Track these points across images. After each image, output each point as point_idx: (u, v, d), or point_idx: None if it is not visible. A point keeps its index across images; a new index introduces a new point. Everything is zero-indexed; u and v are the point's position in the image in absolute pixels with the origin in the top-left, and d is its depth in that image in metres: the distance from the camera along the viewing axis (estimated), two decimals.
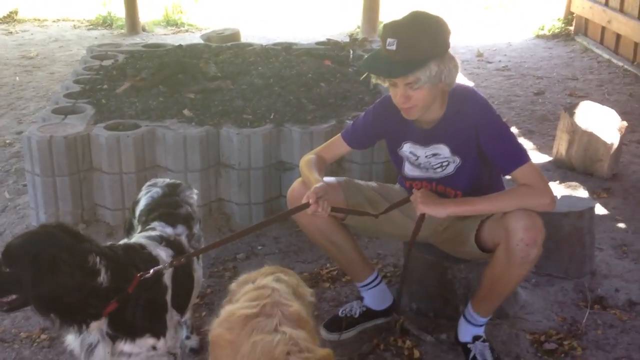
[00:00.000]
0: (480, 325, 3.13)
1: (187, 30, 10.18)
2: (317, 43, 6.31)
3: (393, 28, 2.76)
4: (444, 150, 2.98)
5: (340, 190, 3.16)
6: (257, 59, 5.49)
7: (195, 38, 8.99)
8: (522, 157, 2.85)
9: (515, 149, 2.87)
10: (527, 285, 3.75)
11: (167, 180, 3.03)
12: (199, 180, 4.22)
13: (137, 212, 2.89)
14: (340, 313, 3.33)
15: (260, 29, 10.14)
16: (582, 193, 4.84)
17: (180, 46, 6.09)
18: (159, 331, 2.51)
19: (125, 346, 2.44)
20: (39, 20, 10.78)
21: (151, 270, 2.44)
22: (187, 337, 3.23)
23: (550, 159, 5.47)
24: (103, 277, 2.29)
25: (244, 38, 8.36)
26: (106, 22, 10.32)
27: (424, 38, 2.71)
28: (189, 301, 2.78)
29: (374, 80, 2.99)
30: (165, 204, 2.85)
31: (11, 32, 10.02)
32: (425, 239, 3.23)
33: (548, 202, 2.82)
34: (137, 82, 4.92)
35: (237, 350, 2.02)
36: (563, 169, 5.27)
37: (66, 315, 2.31)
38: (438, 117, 2.94)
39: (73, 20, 10.80)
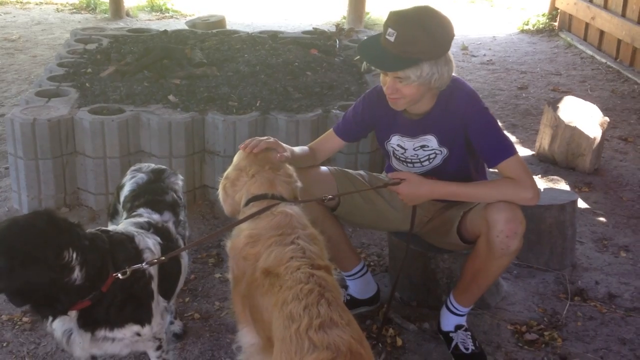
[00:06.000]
0: (462, 315, 3.15)
1: (171, 17, 10.10)
2: (304, 32, 6.31)
3: (397, 19, 2.73)
4: (431, 141, 2.99)
5: (333, 179, 3.17)
6: (243, 47, 5.46)
7: (180, 24, 8.93)
8: (508, 149, 2.87)
9: (502, 141, 2.88)
10: (508, 276, 3.78)
11: (152, 166, 3.00)
12: (184, 167, 4.20)
13: (122, 198, 2.86)
14: None
15: (246, 16, 10.10)
16: (564, 187, 4.86)
17: (165, 32, 6.05)
18: (144, 319, 2.48)
19: (107, 332, 2.41)
20: (21, 2, 10.66)
21: (128, 271, 2.37)
22: (171, 323, 3.21)
23: (533, 152, 5.52)
24: (77, 275, 2.22)
25: (230, 25, 8.33)
26: (90, 6, 10.23)
27: (423, 37, 2.68)
28: (176, 287, 2.76)
29: (365, 65, 2.97)
30: (151, 191, 2.82)
31: None
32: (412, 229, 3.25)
33: (531, 197, 2.84)
34: (122, 66, 4.89)
35: (258, 259, 2.36)
36: (545, 163, 5.32)
37: (35, 307, 2.28)
38: (427, 109, 2.94)
39: (56, 4, 10.69)
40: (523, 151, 5.60)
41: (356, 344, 1.99)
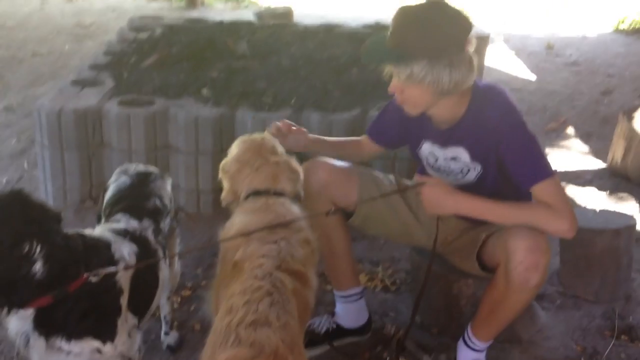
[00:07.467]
0: (480, 351, 2.82)
1: (246, 7, 9.95)
2: (364, 26, 5.98)
3: (397, 13, 2.51)
4: (463, 154, 2.68)
5: (355, 182, 2.91)
6: (292, 40, 5.21)
7: (250, 15, 8.79)
8: (542, 171, 2.51)
9: (537, 161, 2.53)
10: (549, 306, 3.40)
11: (140, 168, 2.81)
12: (211, 164, 4.00)
13: (105, 202, 2.69)
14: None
15: (321, 8, 9.84)
16: (632, 206, 4.40)
17: (221, 22, 5.88)
18: (105, 335, 2.29)
19: (62, 343, 2.24)
20: None
21: (100, 273, 2.23)
22: (166, 333, 3.06)
23: (605, 165, 5.04)
24: (38, 269, 2.10)
25: (301, 17, 8.06)
26: None
27: (414, 33, 2.41)
28: (151, 304, 2.56)
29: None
30: (133, 196, 2.65)
31: (71, 0, 10.03)
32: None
33: (567, 228, 2.48)
34: (164, 56, 4.74)
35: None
36: (617, 178, 4.84)
37: None
38: (456, 117, 2.63)
39: None
40: (595, 163, 5.14)
41: (285, 348, 1.91)
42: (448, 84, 2.45)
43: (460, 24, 2.45)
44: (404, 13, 2.48)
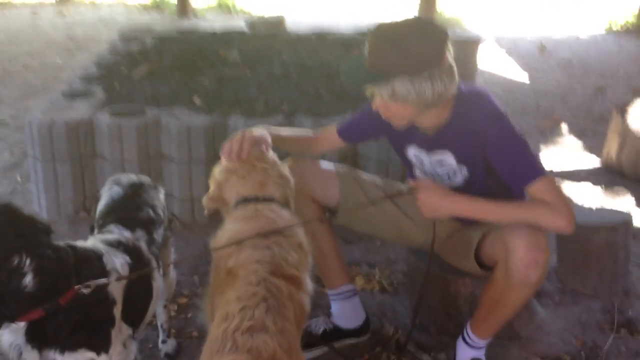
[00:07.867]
0: (479, 348, 2.79)
1: (238, 16, 9.99)
2: (357, 32, 5.99)
3: (373, 31, 2.45)
4: (449, 158, 2.67)
5: (336, 181, 2.90)
6: (284, 47, 5.21)
7: (242, 25, 8.81)
8: (534, 171, 2.48)
9: (527, 162, 2.50)
10: (548, 302, 3.37)
11: (132, 178, 2.78)
12: (204, 172, 3.97)
13: (97, 213, 2.67)
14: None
15: (312, 17, 9.86)
16: (628, 201, 4.40)
17: (213, 33, 5.88)
18: (99, 346, 2.27)
19: (56, 355, 2.22)
20: (94, 3, 10.80)
21: (91, 284, 2.19)
22: (163, 342, 3.03)
23: (600, 162, 5.04)
24: (29, 282, 2.07)
25: (292, 26, 8.08)
26: (159, 6, 10.24)
27: (391, 52, 2.35)
28: (145, 314, 2.54)
29: None
30: (125, 206, 2.62)
31: (63, 13, 10.01)
32: (429, 247, 2.91)
33: (566, 224, 2.45)
34: (155, 66, 4.73)
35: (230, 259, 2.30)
36: (612, 174, 4.84)
37: None
38: (442, 122, 2.61)
39: (128, 5, 10.76)
40: (590, 160, 5.13)
41: (283, 353, 1.90)
42: (431, 96, 2.41)
43: (436, 36, 2.40)
44: (380, 32, 2.42)
